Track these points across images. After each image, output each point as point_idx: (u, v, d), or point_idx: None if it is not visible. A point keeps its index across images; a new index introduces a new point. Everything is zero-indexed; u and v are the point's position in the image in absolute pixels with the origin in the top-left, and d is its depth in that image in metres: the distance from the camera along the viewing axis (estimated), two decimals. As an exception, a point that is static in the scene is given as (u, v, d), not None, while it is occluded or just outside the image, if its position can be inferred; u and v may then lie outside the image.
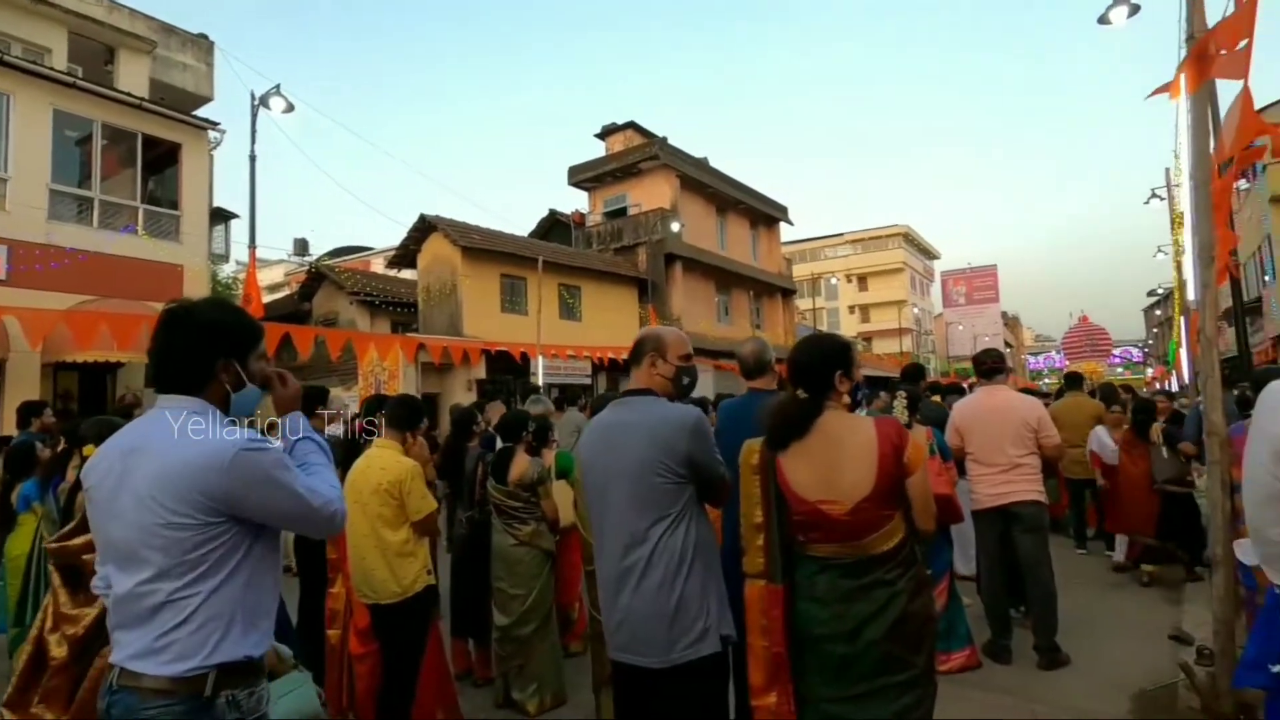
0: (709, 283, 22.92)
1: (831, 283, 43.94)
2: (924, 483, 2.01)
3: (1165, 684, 3.74)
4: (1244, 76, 3.57)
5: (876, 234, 50.59)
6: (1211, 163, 3.42)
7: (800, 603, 2.03)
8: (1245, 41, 3.38)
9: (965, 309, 51.25)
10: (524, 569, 3.72)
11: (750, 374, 3.43)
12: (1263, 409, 1.79)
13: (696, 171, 22.67)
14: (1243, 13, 3.38)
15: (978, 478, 4.06)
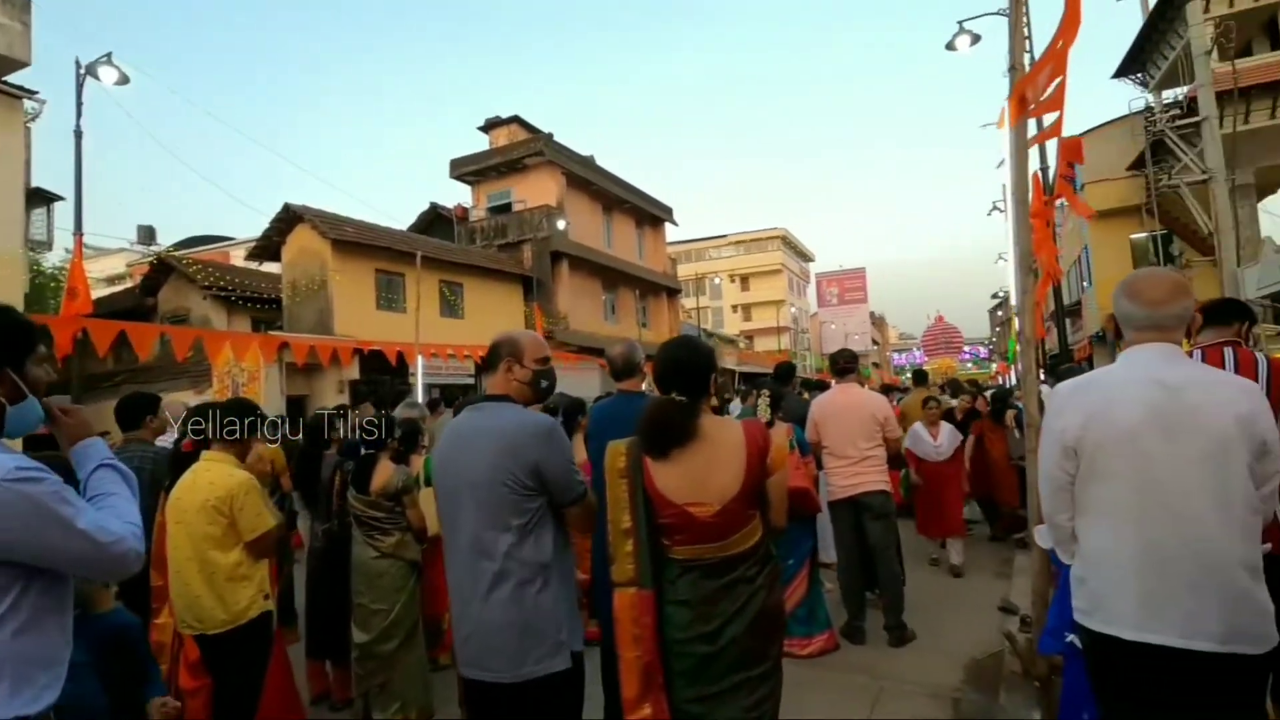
0: (595, 281, 22.96)
1: (715, 282, 45.41)
2: (783, 483, 2.09)
3: (993, 652, 4.14)
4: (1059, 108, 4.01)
5: (757, 236, 52.78)
6: (1029, 184, 3.83)
7: (665, 607, 2.04)
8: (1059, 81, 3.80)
9: (838, 309, 54.66)
10: (387, 582, 3.53)
11: (620, 375, 3.44)
12: (1050, 408, 2.00)
13: (583, 169, 22.64)
14: (1056, 60, 3.80)
15: (832, 470, 4.32)
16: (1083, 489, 1.87)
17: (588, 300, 22.29)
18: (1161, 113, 16.92)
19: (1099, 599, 1.83)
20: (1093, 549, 1.86)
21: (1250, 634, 1.64)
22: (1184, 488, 1.70)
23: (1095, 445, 1.81)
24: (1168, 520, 1.71)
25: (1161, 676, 1.71)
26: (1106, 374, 1.92)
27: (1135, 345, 1.87)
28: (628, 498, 2.04)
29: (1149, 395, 1.75)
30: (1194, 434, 1.69)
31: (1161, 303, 1.82)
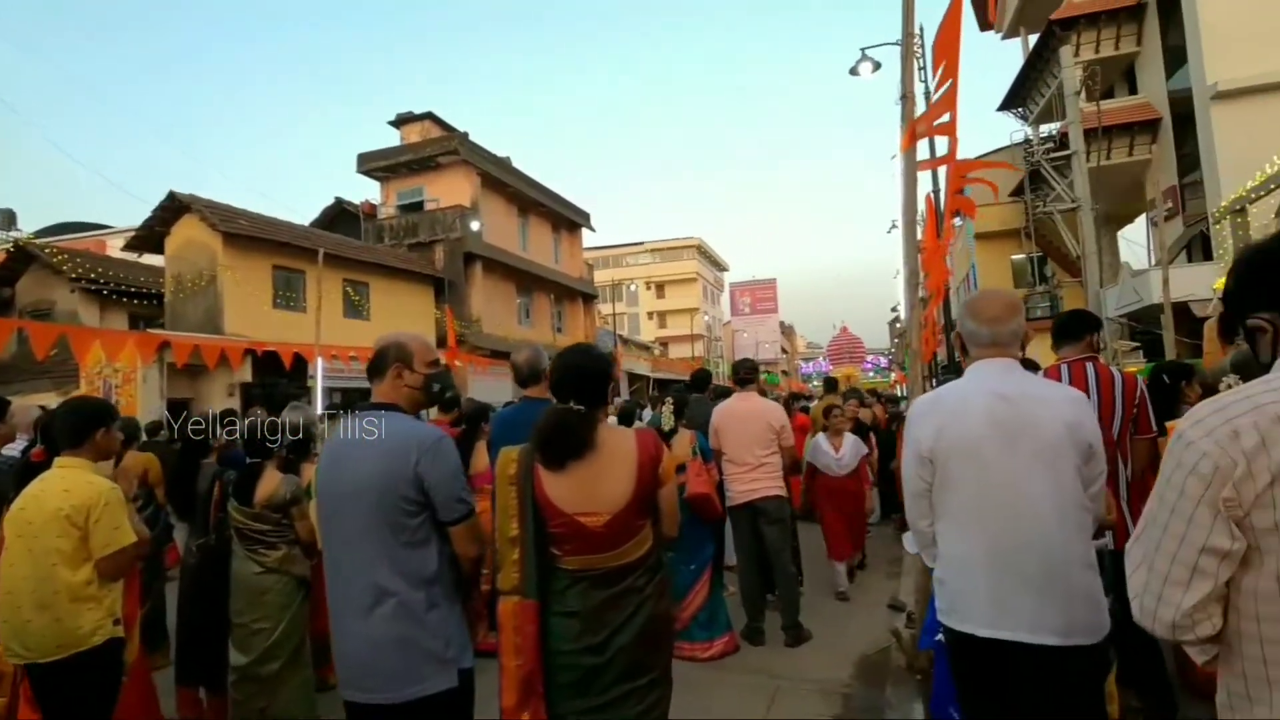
0: (510, 284, 22.61)
1: (632, 289, 45.73)
2: (673, 493, 2.10)
3: (882, 648, 4.37)
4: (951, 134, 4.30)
5: (673, 245, 53.59)
6: (917, 208, 4.09)
7: (551, 618, 2.02)
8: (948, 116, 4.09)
9: (750, 318, 56.25)
10: (272, 599, 3.32)
11: (525, 381, 3.40)
12: (908, 421, 2.13)
13: (499, 171, 22.27)
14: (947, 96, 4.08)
15: (731, 476, 4.43)
16: (938, 496, 1.99)
17: (502, 303, 21.91)
18: (1038, 145, 18.49)
19: (955, 599, 1.96)
20: (948, 552, 1.99)
21: (1087, 626, 1.80)
22: (1022, 491, 1.84)
23: (946, 454, 1.93)
24: (1009, 522, 1.85)
25: (1013, 670, 1.84)
26: (954, 388, 2.07)
27: (978, 360, 2.01)
28: (516, 505, 2.00)
29: (990, 406, 1.89)
30: (1030, 441, 1.84)
31: (998, 320, 1.98)
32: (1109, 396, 2.71)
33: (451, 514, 1.97)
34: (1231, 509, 0.94)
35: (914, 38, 4.43)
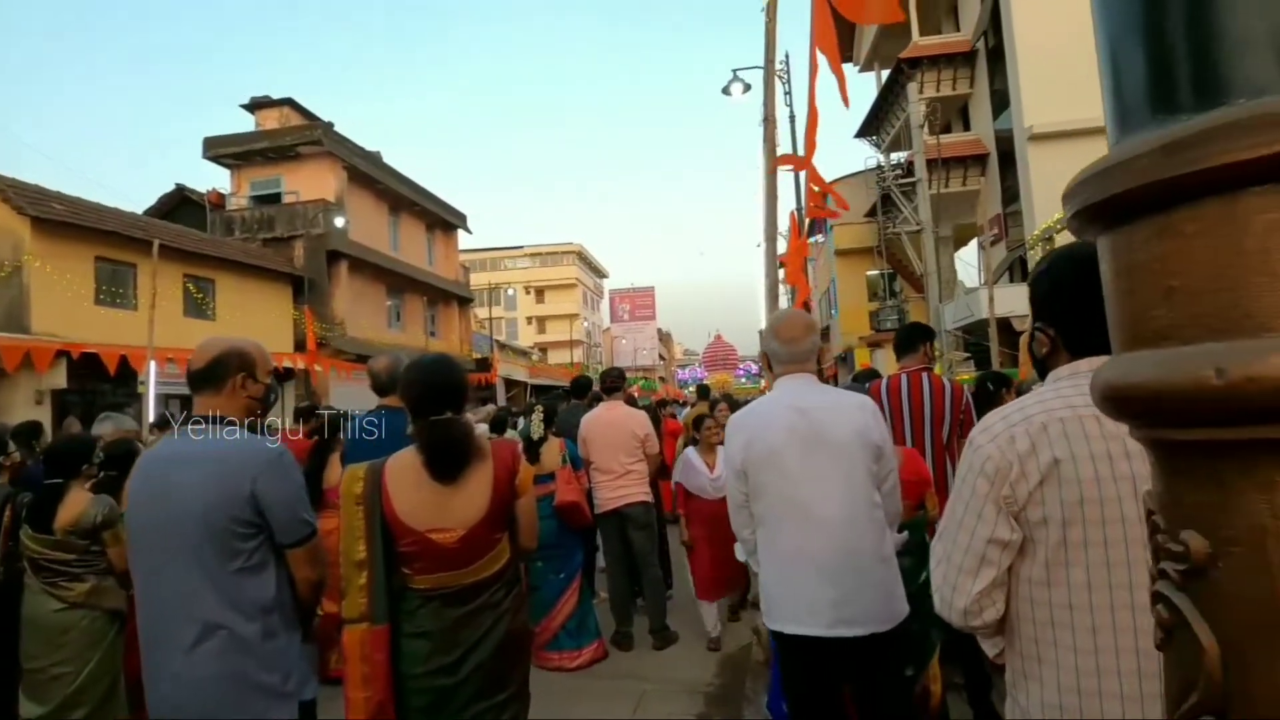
0: (379, 285, 21.47)
1: (510, 293, 44.91)
2: (532, 505, 2.07)
3: (743, 645, 4.55)
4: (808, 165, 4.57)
5: (553, 250, 53.29)
6: (776, 225, 4.34)
7: (402, 640, 1.92)
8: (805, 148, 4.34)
9: (629, 324, 57.02)
10: (75, 638, 2.91)
11: (383, 390, 3.24)
12: (727, 436, 2.26)
13: (367, 165, 21.10)
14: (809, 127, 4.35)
15: (598, 484, 4.46)
16: (754, 505, 2.12)
17: (370, 305, 20.74)
18: (889, 171, 20.21)
19: (771, 600, 2.09)
20: (764, 557, 2.12)
21: (882, 615, 1.97)
22: (819, 496, 1.99)
23: (755, 466, 2.07)
24: (809, 525, 1.99)
25: (823, 661, 1.99)
26: (761, 403, 2.22)
27: (781, 376, 2.16)
28: (364, 526, 1.89)
29: (789, 419, 2.04)
30: (824, 448, 2.00)
31: (796, 340, 2.14)
32: (940, 404, 2.99)
33: (292, 536, 1.83)
34: (1009, 505, 1.07)
35: (775, 64, 4.69)
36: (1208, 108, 0.41)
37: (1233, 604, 0.41)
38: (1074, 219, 0.49)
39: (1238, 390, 0.38)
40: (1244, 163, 0.38)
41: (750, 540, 2.19)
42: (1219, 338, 0.40)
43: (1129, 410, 0.45)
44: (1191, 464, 0.43)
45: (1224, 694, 0.41)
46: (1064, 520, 1.02)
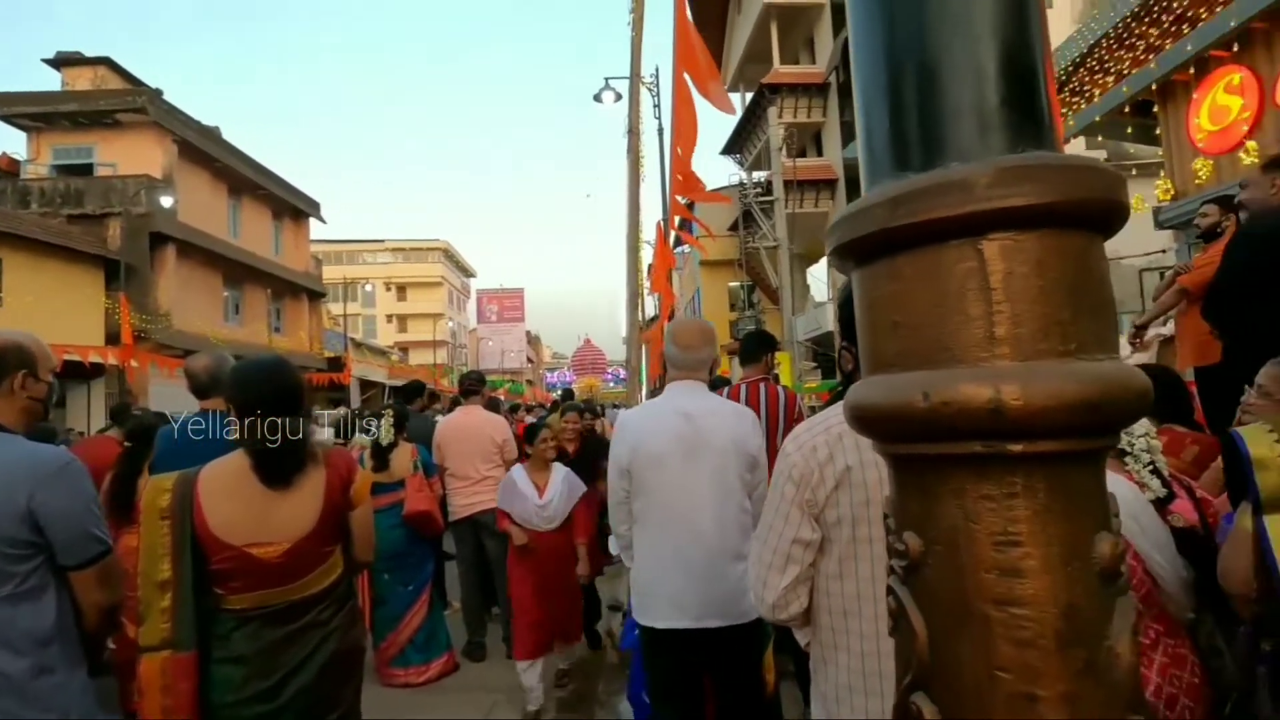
0: (215, 274, 19.47)
1: (368, 289, 42.29)
2: (368, 516, 1.97)
3: (600, 648, 4.59)
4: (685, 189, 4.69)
5: (418, 246, 51.00)
6: (638, 235, 4.44)
7: (212, 668, 1.75)
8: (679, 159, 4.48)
9: (496, 326, 55.75)
10: None
11: (204, 391, 2.95)
12: (615, 435, 2.34)
13: (203, 140, 19.08)
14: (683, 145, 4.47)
15: (453, 490, 4.34)
16: (635, 504, 2.20)
17: (203, 295, 18.73)
18: (751, 188, 21.36)
19: (644, 597, 2.17)
20: (639, 554, 2.20)
21: (741, 609, 2.10)
22: (695, 497, 2.11)
23: (640, 466, 2.16)
24: (685, 526, 2.10)
25: (687, 653, 2.10)
26: (651, 404, 2.32)
27: (673, 381, 2.27)
28: (169, 543, 1.71)
29: (675, 424, 2.15)
30: (705, 453, 2.12)
31: (692, 347, 2.25)
32: (774, 411, 3.20)
33: (79, 556, 1.62)
34: (811, 508, 1.18)
35: (640, 77, 4.81)
36: (928, 167, 0.48)
37: (936, 595, 0.48)
38: (832, 255, 0.55)
39: (937, 412, 0.45)
40: (944, 219, 0.45)
41: (626, 536, 2.26)
42: (926, 367, 0.46)
43: (866, 427, 0.52)
44: (909, 474, 0.50)
45: (930, 672, 0.48)
46: (853, 520, 1.14)
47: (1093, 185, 0.44)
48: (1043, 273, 0.44)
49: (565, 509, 3.73)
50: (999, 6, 0.48)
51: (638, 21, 4.60)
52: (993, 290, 0.44)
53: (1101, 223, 0.46)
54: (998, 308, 0.44)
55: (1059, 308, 0.44)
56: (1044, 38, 0.50)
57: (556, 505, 3.69)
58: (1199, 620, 1.42)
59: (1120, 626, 0.44)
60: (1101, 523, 0.45)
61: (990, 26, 0.48)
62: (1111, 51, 7.76)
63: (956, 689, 0.46)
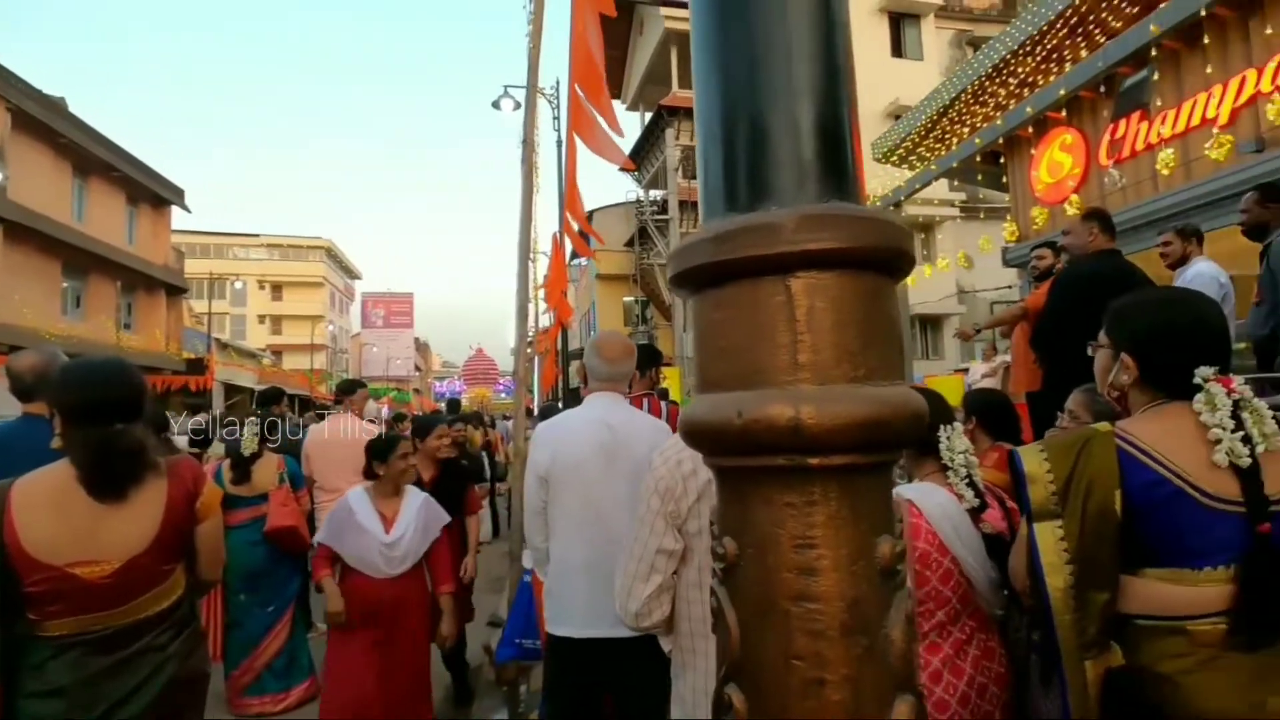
0: (52, 261, 17.38)
1: (238, 286, 39.11)
2: (215, 531, 1.83)
3: (476, 665, 4.47)
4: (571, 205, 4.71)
5: (298, 243, 47.90)
6: (529, 247, 4.43)
7: (21, 703, 1.57)
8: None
9: (382, 331, 53.25)
10: None
11: (27, 394, 2.65)
12: (533, 444, 2.34)
13: (44, 111, 17.03)
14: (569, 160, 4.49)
15: (323, 505, 4.11)
16: (552, 512, 2.21)
17: (36, 285, 16.64)
18: (647, 206, 21.79)
19: (559, 606, 2.18)
20: (556, 562, 2.21)
21: None
22: (613, 506, 2.14)
23: (559, 474, 2.17)
24: (603, 533, 2.12)
25: (597, 662, 2.10)
26: (572, 414, 2.35)
27: (594, 393, 2.31)
28: None
29: (597, 433, 2.18)
30: (624, 463, 2.16)
31: (616, 360, 2.31)
32: (659, 425, 3.30)
33: None
34: (674, 519, 1.23)
35: (538, 88, 4.82)
36: (751, 209, 0.54)
37: (748, 594, 0.53)
38: (670, 283, 0.60)
39: (749, 429, 0.50)
40: (758, 257, 0.51)
41: (542, 548, 2.24)
42: (743, 388, 0.52)
43: (694, 441, 0.57)
44: (729, 484, 0.55)
45: (740, 665, 0.53)
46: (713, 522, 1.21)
47: (882, 235, 0.52)
48: (839, 308, 0.51)
49: (420, 547, 2.87)
50: (816, 76, 0.55)
51: (536, 34, 4.61)
52: (797, 322, 0.50)
53: (890, 267, 0.54)
54: (801, 338, 0.50)
55: (852, 339, 0.51)
56: (852, 103, 0.57)
57: (409, 542, 2.82)
58: (1007, 616, 1.60)
59: (896, 617, 0.51)
60: (884, 527, 0.52)
61: (808, 92, 0.55)
62: (968, 105, 8.66)
63: (760, 678, 0.51)
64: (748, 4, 0.56)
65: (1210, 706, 1.11)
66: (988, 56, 8.23)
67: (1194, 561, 1.17)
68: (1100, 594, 1.20)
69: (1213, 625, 1.15)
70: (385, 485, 2.99)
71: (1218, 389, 1.24)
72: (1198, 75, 6.30)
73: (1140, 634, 1.20)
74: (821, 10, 0.56)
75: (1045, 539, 1.21)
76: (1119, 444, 1.22)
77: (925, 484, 1.69)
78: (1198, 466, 1.19)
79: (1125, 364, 1.31)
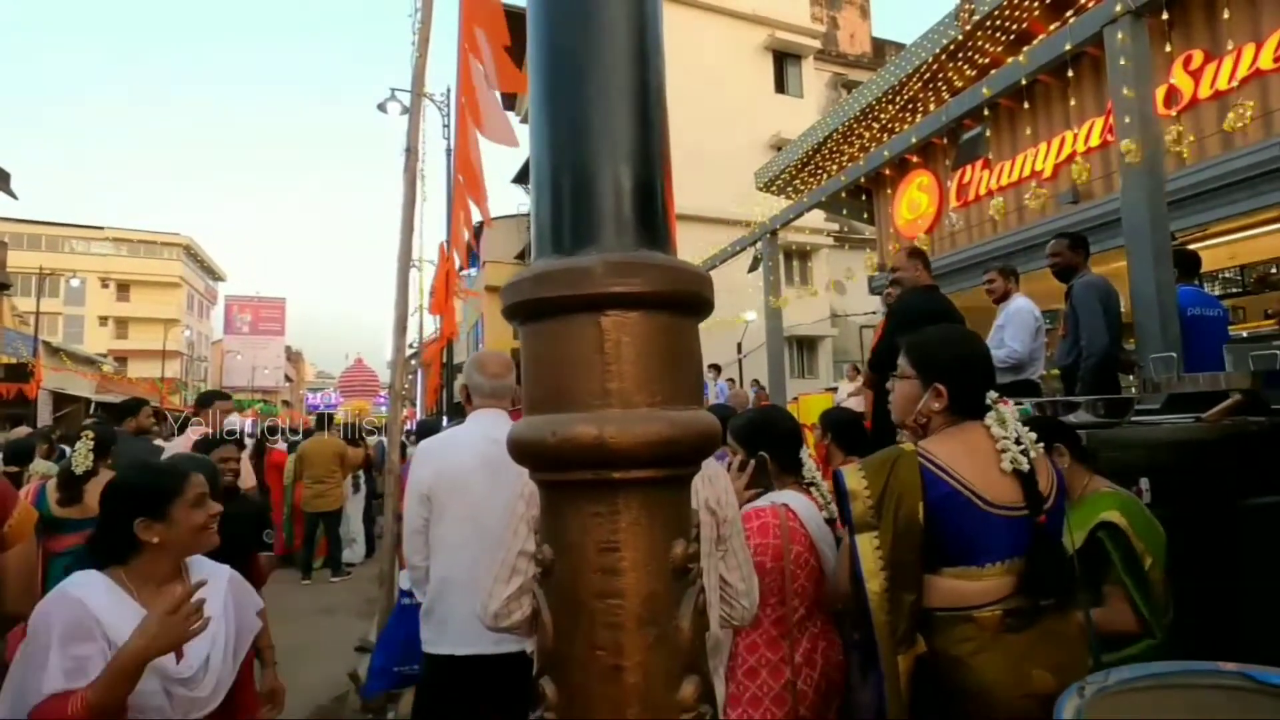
0: None
1: (74, 283, 34.94)
2: (26, 558, 1.67)
3: (340, 693, 4.26)
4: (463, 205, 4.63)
5: (151, 238, 43.61)
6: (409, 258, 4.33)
7: None
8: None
9: (249, 338, 49.40)
10: None
11: None
12: (414, 462, 2.29)
13: None
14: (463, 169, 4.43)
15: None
16: (434, 530, 2.18)
17: None
18: (539, 220, 21.78)
19: (440, 625, 2.14)
20: (437, 580, 2.17)
21: None
22: (498, 522, 2.12)
23: (443, 490, 2.16)
24: (488, 547, 2.10)
25: (481, 681, 2.09)
26: (456, 432, 2.35)
27: (478, 410, 2.32)
28: None
29: (483, 449, 2.18)
30: (508, 478, 2.14)
31: (499, 376, 2.33)
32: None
33: None
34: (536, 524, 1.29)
35: (426, 95, 4.75)
36: (573, 253, 0.61)
37: (560, 593, 0.59)
38: (503, 313, 0.66)
39: (560, 447, 0.57)
40: (573, 296, 0.58)
41: (422, 567, 2.21)
42: (558, 410, 0.59)
43: (519, 457, 0.63)
44: (547, 496, 0.62)
45: (554, 658, 0.59)
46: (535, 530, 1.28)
47: (680, 280, 0.61)
48: (642, 342, 0.59)
49: (234, 664, 1.68)
50: (634, 139, 0.63)
51: (423, 42, 4.55)
52: (606, 354, 0.58)
53: (687, 308, 0.63)
54: (608, 368, 0.58)
55: (652, 369, 0.59)
56: (666, 163, 0.66)
57: (219, 663, 1.62)
58: (844, 613, 1.79)
59: (686, 609, 0.59)
60: (679, 531, 0.61)
61: (626, 154, 0.63)
62: (838, 145, 9.37)
63: (570, 669, 0.58)
64: (579, 72, 0.64)
65: (989, 680, 1.31)
66: (856, 100, 8.98)
67: (979, 560, 1.37)
68: (909, 594, 1.38)
69: (992, 612, 1.36)
70: (158, 560, 1.57)
71: (1004, 409, 1.47)
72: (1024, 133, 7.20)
73: (938, 624, 1.39)
74: (640, 80, 0.65)
75: (864, 548, 1.38)
76: (921, 462, 1.42)
77: (790, 492, 1.88)
78: (983, 479, 1.40)
79: (938, 392, 1.50)
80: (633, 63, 0.65)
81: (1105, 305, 3.72)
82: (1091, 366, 3.65)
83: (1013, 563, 1.38)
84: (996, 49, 7.02)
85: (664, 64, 0.69)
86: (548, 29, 0.66)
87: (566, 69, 0.64)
